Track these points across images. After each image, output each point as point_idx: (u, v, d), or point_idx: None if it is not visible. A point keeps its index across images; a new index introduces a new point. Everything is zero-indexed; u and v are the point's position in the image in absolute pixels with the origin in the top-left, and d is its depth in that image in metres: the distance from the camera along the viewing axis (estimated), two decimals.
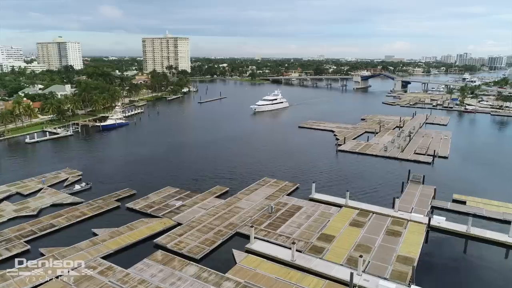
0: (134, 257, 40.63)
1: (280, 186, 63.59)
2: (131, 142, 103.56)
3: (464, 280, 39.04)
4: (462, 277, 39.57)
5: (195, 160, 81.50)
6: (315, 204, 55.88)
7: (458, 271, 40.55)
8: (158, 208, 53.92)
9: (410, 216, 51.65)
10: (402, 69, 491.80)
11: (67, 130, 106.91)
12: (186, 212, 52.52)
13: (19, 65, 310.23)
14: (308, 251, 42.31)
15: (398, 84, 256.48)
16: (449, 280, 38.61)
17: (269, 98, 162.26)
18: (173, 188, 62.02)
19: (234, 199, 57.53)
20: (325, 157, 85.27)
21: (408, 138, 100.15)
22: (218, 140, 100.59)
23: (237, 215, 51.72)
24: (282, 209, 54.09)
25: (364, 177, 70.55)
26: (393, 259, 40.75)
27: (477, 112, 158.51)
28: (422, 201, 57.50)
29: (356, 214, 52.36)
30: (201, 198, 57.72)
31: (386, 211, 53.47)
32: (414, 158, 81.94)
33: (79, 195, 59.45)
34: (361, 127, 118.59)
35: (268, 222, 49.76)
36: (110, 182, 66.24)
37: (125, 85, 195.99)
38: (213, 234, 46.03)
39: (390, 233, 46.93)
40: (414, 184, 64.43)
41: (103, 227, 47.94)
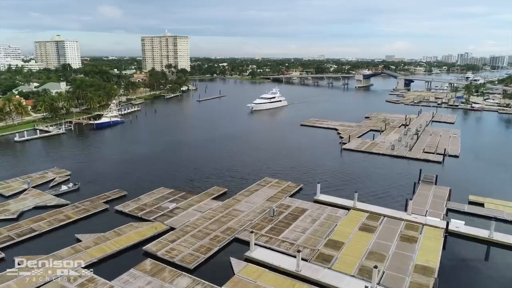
0: (119, 267, 36.19)
1: (282, 186, 59.12)
2: (125, 140, 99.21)
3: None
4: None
5: (192, 159, 77.11)
6: (320, 207, 51.42)
7: (483, 283, 36.11)
8: (150, 211, 49.47)
9: (425, 219, 47.19)
10: (404, 68, 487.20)
11: (59, 128, 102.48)
12: (180, 216, 48.06)
13: (16, 64, 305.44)
14: (314, 259, 37.86)
15: (401, 83, 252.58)
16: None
17: (267, 97, 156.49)
18: (167, 189, 57.58)
19: (233, 201, 53.05)
20: (329, 156, 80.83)
21: (415, 136, 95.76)
22: (217, 139, 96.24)
23: (235, 218, 47.26)
24: (284, 212, 49.64)
25: (372, 177, 66.08)
26: (411, 269, 36.29)
27: (483, 110, 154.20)
28: (436, 203, 53.05)
29: (366, 218, 47.90)
30: (197, 200, 53.25)
31: (398, 214, 49.02)
32: (424, 157, 77.48)
33: (66, 197, 54.99)
34: (365, 125, 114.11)
35: (270, 226, 45.31)
36: (100, 182, 61.84)
37: (122, 83, 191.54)
38: (209, 240, 41.58)
39: (405, 239, 42.46)
40: (426, 185, 59.97)
41: (88, 232, 43.48)
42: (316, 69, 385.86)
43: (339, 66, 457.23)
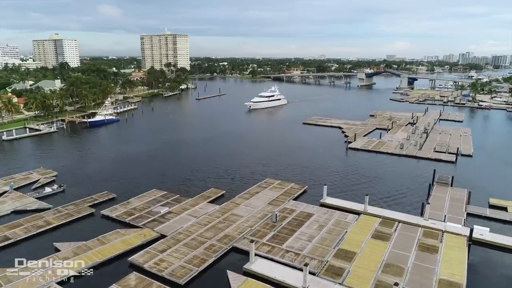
0: (100, 282, 31.60)
1: (285, 188, 54.37)
2: (119, 139, 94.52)
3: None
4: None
5: (188, 159, 72.44)
6: (328, 211, 46.69)
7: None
8: (139, 216, 44.78)
9: (444, 226, 42.45)
10: (406, 67, 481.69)
11: (50, 126, 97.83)
12: (172, 221, 43.37)
13: (12, 62, 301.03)
14: (323, 273, 33.14)
15: (404, 81, 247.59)
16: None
17: (265, 95, 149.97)
18: (160, 191, 52.88)
19: (231, 205, 48.33)
20: (335, 155, 76.04)
21: (424, 135, 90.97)
22: (215, 137, 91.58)
23: (233, 224, 42.54)
24: (288, 217, 44.91)
25: (381, 178, 61.28)
26: (435, 285, 31.57)
27: (491, 109, 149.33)
28: (454, 206, 48.30)
29: (379, 223, 43.17)
30: (192, 204, 48.54)
31: (414, 219, 44.27)
32: (435, 157, 72.73)
33: (49, 200, 50.46)
34: (371, 123, 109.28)
35: (272, 233, 40.59)
36: (88, 184, 57.24)
37: (119, 80, 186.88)
38: (204, 250, 36.86)
39: (424, 249, 37.71)
40: (441, 187, 55.20)
41: (68, 240, 38.88)
42: (317, 68, 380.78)
43: (340, 65, 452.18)
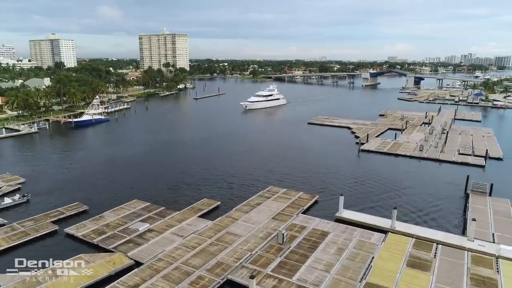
0: None
1: (293, 199, 45.44)
2: (106, 141, 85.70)
3: None
4: None
5: (180, 163, 63.64)
6: (346, 228, 37.73)
7: None
8: (112, 235, 35.88)
9: (496, 249, 33.50)
10: (409, 68, 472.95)
11: (31, 127, 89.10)
12: (152, 243, 34.43)
13: (6, 62, 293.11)
14: None
15: (411, 81, 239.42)
16: None
17: (263, 94, 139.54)
18: (142, 203, 44.04)
19: (227, 220, 39.39)
20: (346, 158, 67.07)
21: (443, 135, 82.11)
22: (213, 138, 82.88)
23: (229, 247, 33.58)
24: (298, 236, 35.97)
25: (404, 186, 52.20)
26: None
27: (507, 108, 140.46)
28: (500, 222, 39.35)
29: (413, 246, 34.20)
30: (178, 219, 39.60)
31: (455, 239, 35.31)
32: (461, 160, 63.89)
33: (7, 213, 41.81)
34: (382, 123, 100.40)
35: (279, 260, 31.62)
36: (59, 193, 48.51)
37: (111, 79, 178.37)
38: (188, 285, 27.92)
39: (479, 282, 28.74)
40: (477, 197, 46.27)
41: (14, 269, 29.92)
42: (320, 68, 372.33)
43: (342, 66, 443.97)
